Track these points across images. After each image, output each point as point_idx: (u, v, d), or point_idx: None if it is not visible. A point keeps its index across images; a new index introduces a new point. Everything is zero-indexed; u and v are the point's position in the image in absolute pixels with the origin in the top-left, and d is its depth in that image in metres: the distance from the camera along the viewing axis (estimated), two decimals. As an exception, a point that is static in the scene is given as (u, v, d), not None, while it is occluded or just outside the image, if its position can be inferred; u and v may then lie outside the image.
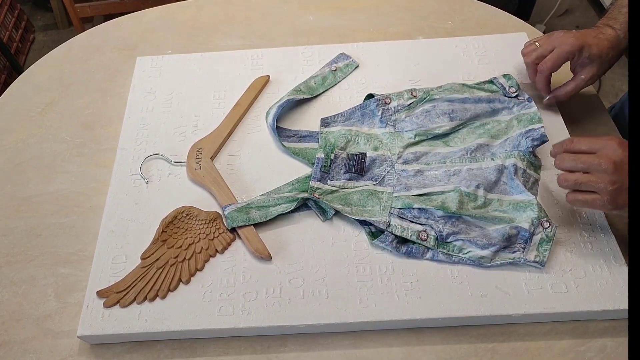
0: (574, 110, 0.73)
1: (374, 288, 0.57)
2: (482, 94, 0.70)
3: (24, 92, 0.82)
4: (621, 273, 0.57)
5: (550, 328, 0.56)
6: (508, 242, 0.58)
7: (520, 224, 0.58)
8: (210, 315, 0.55)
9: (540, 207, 0.59)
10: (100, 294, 0.57)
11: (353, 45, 0.81)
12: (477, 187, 0.61)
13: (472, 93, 0.69)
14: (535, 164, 0.64)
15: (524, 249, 0.57)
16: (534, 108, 0.67)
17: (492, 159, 0.64)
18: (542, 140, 0.64)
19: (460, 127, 0.67)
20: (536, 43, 0.69)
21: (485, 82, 0.72)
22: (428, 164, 0.65)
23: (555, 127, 0.69)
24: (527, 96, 0.69)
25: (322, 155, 0.66)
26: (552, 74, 0.68)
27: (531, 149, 0.64)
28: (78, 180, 0.70)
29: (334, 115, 0.71)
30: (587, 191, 0.53)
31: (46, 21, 2.10)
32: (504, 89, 0.70)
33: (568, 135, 0.68)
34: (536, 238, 0.58)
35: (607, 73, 0.69)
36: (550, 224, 0.58)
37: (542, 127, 0.64)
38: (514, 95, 0.69)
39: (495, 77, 0.71)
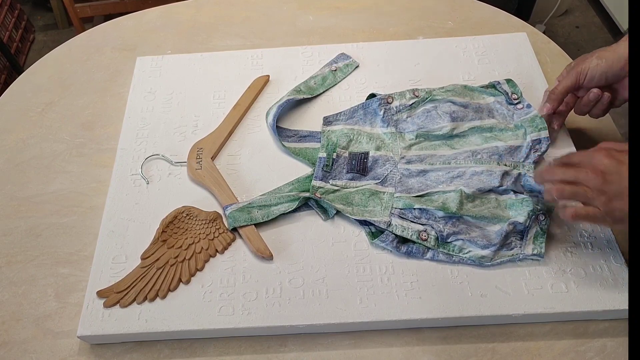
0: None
1: (374, 288, 0.57)
2: (483, 101, 0.69)
3: (24, 92, 0.81)
4: (621, 273, 0.57)
5: (550, 328, 0.56)
6: (506, 240, 0.58)
7: (516, 218, 0.58)
8: (210, 315, 0.55)
9: (536, 201, 0.59)
10: (100, 294, 0.57)
11: (353, 45, 0.81)
12: (479, 190, 0.61)
13: (472, 97, 0.69)
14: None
15: (520, 243, 0.58)
16: (534, 112, 0.66)
17: (498, 163, 0.63)
18: (546, 151, 0.64)
19: (465, 131, 0.67)
20: None
21: (488, 86, 0.71)
22: (432, 164, 0.65)
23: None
24: (526, 103, 0.68)
25: (324, 155, 0.66)
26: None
27: (536, 160, 0.64)
28: (78, 180, 0.70)
29: (336, 113, 0.71)
30: (587, 205, 0.51)
31: (46, 21, 2.10)
32: (507, 94, 0.70)
33: (569, 136, 0.68)
34: (531, 232, 0.58)
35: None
36: (545, 217, 0.58)
37: (547, 136, 0.64)
38: (516, 102, 0.69)
39: (498, 82, 0.71)
